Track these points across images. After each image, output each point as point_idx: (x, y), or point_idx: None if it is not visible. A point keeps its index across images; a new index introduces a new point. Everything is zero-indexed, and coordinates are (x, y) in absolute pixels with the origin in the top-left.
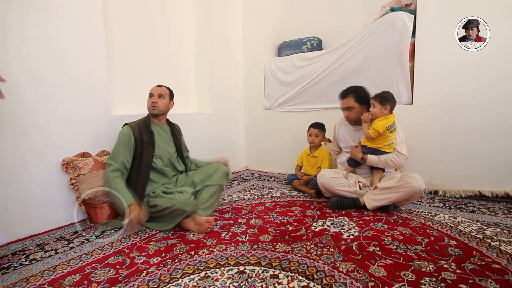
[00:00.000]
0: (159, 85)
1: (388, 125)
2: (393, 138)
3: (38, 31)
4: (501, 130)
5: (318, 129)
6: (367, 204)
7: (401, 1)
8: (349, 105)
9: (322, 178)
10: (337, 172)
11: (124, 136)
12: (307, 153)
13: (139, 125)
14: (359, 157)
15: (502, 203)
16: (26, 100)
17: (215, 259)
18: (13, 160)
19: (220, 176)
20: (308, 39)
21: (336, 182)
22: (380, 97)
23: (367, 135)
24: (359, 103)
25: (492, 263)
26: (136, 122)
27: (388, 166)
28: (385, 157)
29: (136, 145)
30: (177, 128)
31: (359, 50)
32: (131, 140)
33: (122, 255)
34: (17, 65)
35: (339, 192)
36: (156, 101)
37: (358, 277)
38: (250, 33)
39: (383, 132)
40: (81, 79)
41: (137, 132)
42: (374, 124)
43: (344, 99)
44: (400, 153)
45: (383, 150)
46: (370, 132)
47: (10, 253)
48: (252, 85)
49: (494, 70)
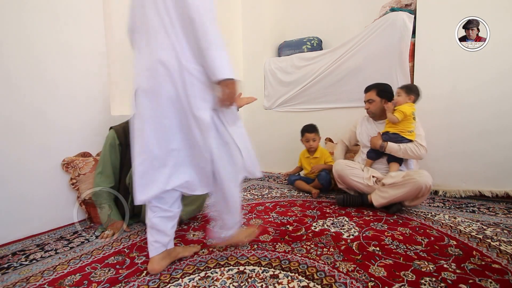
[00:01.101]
0: None
1: (414, 111)
2: (413, 126)
3: (38, 30)
4: (501, 129)
5: (314, 133)
6: (374, 201)
7: (401, 1)
8: (370, 98)
9: (338, 165)
10: (354, 163)
11: (109, 140)
12: (305, 155)
13: (124, 127)
14: (379, 144)
15: (502, 203)
16: (26, 99)
17: (215, 259)
18: (13, 160)
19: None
20: (308, 39)
21: (351, 172)
22: (406, 88)
23: (393, 118)
24: (380, 97)
25: (492, 263)
26: (121, 124)
27: (408, 156)
28: (405, 146)
29: (121, 148)
30: None
31: (359, 50)
32: (116, 142)
33: (122, 255)
34: (17, 64)
35: (352, 183)
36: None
37: (358, 277)
38: (250, 33)
39: (408, 116)
40: (81, 78)
41: (121, 134)
42: (400, 107)
43: (367, 92)
44: (420, 145)
45: (404, 136)
46: (396, 114)
47: (10, 253)
48: (252, 85)
49: (494, 70)
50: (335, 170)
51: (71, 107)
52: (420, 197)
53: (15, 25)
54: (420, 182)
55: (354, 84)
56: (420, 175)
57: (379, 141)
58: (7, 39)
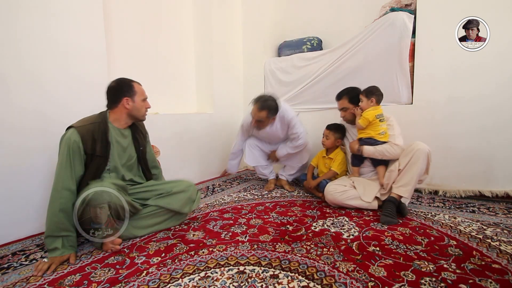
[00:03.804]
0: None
1: (377, 114)
2: (384, 128)
3: (38, 30)
4: (501, 129)
5: (329, 130)
6: (402, 194)
7: (401, 1)
8: (343, 106)
9: (329, 195)
10: (343, 184)
11: (70, 146)
12: (322, 154)
13: (93, 131)
14: (356, 148)
15: (502, 203)
16: (26, 99)
17: (215, 259)
18: (13, 160)
19: (181, 200)
20: (308, 39)
21: (344, 196)
22: (365, 92)
23: (358, 126)
24: (352, 104)
25: (492, 263)
26: (86, 125)
27: (385, 157)
28: (381, 148)
29: (86, 157)
30: (141, 128)
31: (359, 50)
32: (81, 150)
33: (122, 255)
34: (17, 64)
35: (352, 206)
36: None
37: (358, 277)
38: (250, 33)
39: (373, 121)
40: (81, 78)
41: (89, 141)
42: (363, 114)
43: (339, 100)
44: (395, 144)
45: (376, 139)
46: (360, 121)
47: (10, 253)
48: (252, 85)
49: (495, 69)
50: (328, 200)
51: (72, 107)
52: (428, 166)
53: (15, 23)
54: (424, 148)
55: (354, 84)
56: (417, 145)
57: (356, 146)
58: (7, 38)
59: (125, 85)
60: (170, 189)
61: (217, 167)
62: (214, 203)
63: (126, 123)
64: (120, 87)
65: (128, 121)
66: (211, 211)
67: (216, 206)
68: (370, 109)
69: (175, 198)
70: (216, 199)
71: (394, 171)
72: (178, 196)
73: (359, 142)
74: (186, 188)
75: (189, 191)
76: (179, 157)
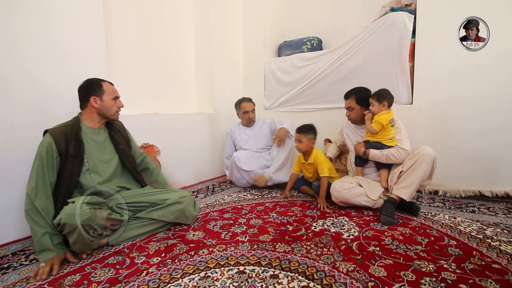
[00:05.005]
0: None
1: (390, 118)
2: (393, 133)
3: (38, 30)
4: (501, 129)
5: (300, 133)
6: (402, 196)
7: (401, 1)
8: (350, 105)
9: (336, 192)
10: (350, 182)
11: (44, 149)
12: (301, 160)
13: (65, 132)
14: (362, 151)
15: (502, 203)
16: (26, 99)
17: (215, 259)
18: (13, 160)
19: (176, 212)
20: (308, 39)
21: (351, 193)
22: (377, 95)
23: (371, 129)
24: (359, 104)
25: (492, 263)
26: (60, 127)
27: (391, 161)
28: (387, 152)
29: (60, 159)
30: (118, 127)
31: (359, 50)
32: (54, 153)
33: (122, 255)
34: (17, 64)
35: (357, 203)
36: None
37: (358, 277)
38: (250, 33)
39: (386, 125)
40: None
41: (62, 141)
42: (376, 118)
43: (346, 99)
44: (402, 148)
45: (384, 144)
46: (373, 125)
47: (10, 253)
48: (252, 85)
49: (495, 69)
50: (334, 198)
51: (72, 107)
52: (432, 171)
53: (15, 24)
54: (430, 153)
55: (354, 84)
56: (423, 149)
57: (362, 148)
58: (7, 38)
59: (92, 85)
60: (165, 200)
61: (217, 167)
62: (214, 203)
63: (100, 122)
64: (88, 86)
65: (101, 120)
66: (211, 211)
67: (216, 206)
68: (383, 113)
69: (168, 210)
70: (216, 199)
71: (397, 174)
72: (172, 208)
73: (365, 145)
74: (181, 199)
75: (183, 203)
76: (179, 157)
